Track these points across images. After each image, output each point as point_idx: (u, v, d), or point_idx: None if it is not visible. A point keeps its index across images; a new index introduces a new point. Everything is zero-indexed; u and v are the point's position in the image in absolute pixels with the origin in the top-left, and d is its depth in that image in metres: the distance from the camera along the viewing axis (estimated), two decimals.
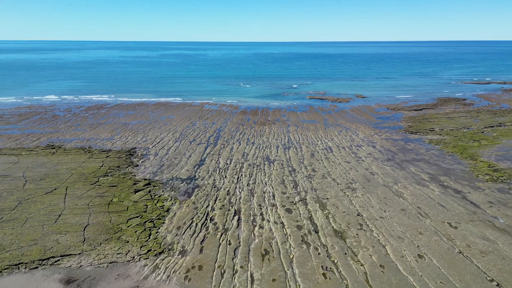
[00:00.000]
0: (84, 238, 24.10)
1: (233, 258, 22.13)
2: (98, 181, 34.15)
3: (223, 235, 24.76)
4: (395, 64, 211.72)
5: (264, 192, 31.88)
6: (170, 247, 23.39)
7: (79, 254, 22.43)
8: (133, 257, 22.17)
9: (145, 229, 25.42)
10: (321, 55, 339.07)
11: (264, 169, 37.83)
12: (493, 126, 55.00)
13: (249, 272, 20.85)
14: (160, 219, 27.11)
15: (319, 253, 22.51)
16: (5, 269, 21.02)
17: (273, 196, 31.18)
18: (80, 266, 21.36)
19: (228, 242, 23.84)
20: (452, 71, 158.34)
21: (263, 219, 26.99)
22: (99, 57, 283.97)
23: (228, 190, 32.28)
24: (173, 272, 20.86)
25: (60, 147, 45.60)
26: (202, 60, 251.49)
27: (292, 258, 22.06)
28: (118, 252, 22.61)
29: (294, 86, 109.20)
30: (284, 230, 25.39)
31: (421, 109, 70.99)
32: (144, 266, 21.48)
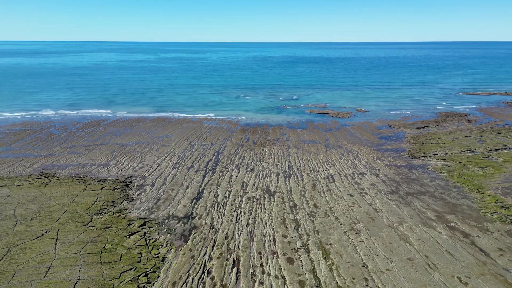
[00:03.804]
0: None
1: None
2: (91, 221, 32.81)
3: None
4: (395, 70, 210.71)
5: (264, 235, 30.58)
6: None
7: None
8: None
9: (138, 286, 24.09)
10: (319, 59, 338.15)
11: (264, 204, 36.54)
12: (497, 149, 53.81)
13: None
14: (155, 271, 25.79)
15: None
16: None
17: (274, 240, 29.89)
18: None
19: None
20: (453, 80, 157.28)
21: (263, 272, 25.68)
22: (97, 62, 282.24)
23: (227, 233, 30.96)
24: None
25: (53, 175, 44.22)
26: (201, 65, 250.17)
27: None
28: None
29: (294, 97, 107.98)
30: (286, 287, 24.08)
31: (423, 127, 69.80)
32: None
